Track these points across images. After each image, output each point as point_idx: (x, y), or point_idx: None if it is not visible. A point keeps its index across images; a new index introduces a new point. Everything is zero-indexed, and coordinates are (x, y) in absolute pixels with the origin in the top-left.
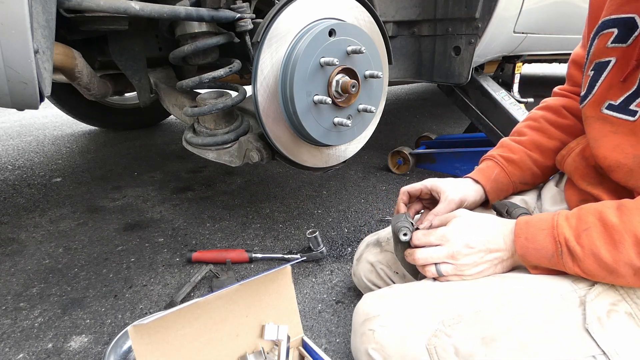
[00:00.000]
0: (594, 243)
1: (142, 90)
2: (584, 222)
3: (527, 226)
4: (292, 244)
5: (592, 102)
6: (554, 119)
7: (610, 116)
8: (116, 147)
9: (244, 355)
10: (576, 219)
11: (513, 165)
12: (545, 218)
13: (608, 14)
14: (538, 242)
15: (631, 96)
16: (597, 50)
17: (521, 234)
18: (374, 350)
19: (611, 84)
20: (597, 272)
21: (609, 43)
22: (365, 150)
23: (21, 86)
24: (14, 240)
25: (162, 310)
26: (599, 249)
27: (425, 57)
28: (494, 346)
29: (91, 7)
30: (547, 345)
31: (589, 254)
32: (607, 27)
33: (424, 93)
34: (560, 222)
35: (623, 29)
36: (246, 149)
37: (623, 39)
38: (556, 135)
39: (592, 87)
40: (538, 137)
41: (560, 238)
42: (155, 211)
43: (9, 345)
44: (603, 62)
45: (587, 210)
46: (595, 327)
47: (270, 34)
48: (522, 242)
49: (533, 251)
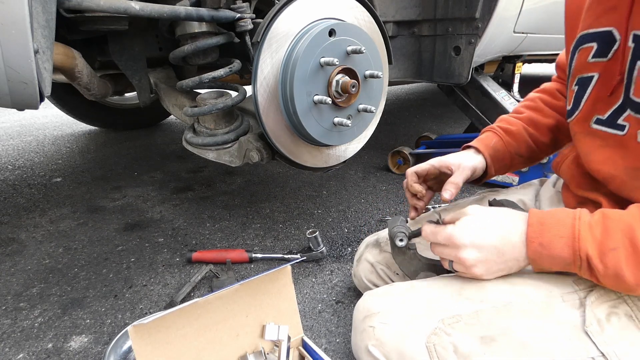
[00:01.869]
0: (620, 265)
1: (142, 90)
2: (611, 239)
3: (542, 229)
4: (292, 244)
5: (580, 118)
6: (549, 100)
7: (600, 131)
8: (116, 147)
9: (244, 355)
10: (601, 230)
11: (510, 136)
12: (563, 221)
13: (585, 28)
14: (554, 250)
15: (617, 110)
16: (578, 65)
17: (535, 238)
18: (374, 346)
19: (597, 98)
20: (613, 287)
21: (589, 58)
22: (365, 150)
23: (21, 86)
24: (14, 240)
25: (162, 310)
26: (623, 272)
27: (425, 57)
28: (493, 346)
29: (91, 7)
30: (546, 346)
31: (612, 275)
32: (586, 42)
33: (424, 93)
34: (583, 233)
35: (602, 43)
36: (246, 149)
37: (603, 53)
38: (551, 114)
39: (578, 103)
40: (534, 114)
41: (582, 253)
42: (155, 211)
43: (9, 345)
44: (586, 78)
45: (616, 222)
46: (595, 330)
47: (270, 34)
48: (535, 247)
49: (547, 258)
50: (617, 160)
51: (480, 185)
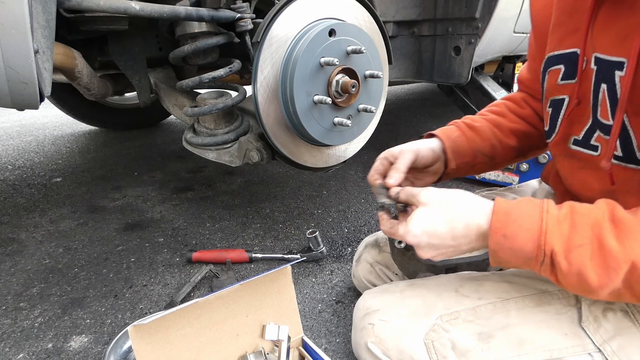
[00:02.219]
0: (584, 264)
1: (142, 90)
2: (578, 235)
3: (507, 219)
4: (292, 244)
5: (558, 139)
6: (515, 107)
7: (578, 152)
8: (116, 147)
9: (244, 355)
10: (569, 226)
11: (473, 131)
12: (530, 214)
13: (552, 49)
14: (517, 242)
15: (589, 131)
16: (549, 87)
17: (499, 229)
18: (373, 343)
19: (571, 120)
20: (573, 287)
21: (559, 80)
22: (365, 150)
23: (21, 86)
24: (14, 240)
25: (162, 310)
26: (586, 271)
27: (425, 57)
28: (491, 342)
29: (91, 7)
30: (543, 342)
31: (575, 273)
32: (553, 64)
33: (424, 93)
34: (550, 227)
35: (568, 64)
36: (246, 149)
37: (571, 76)
38: (515, 120)
39: (554, 125)
40: (499, 118)
41: (547, 248)
42: (155, 211)
43: (9, 345)
44: (558, 100)
45: (584, 218)
46: (591, 325)
47: (270, 34)
48: (498, 238)
49: (508, 251)
50: (593, 183)
51: (478, 185)
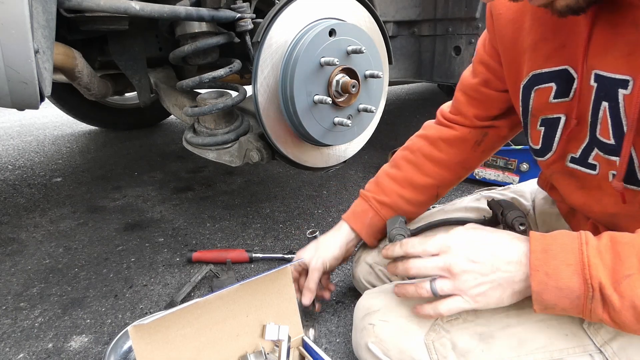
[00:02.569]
0: (637, 294)
1: (142, 90)
2: (625, 266)
3: (547, 257)
4: (292, 244)
5: (555, 158)
6: (429, 151)
7: (575, 170)
8: (116, 147)
9: (244, 355)
10: (611, 256)
11: (386, 208)
12: (569, 246)
13: (537, 67)
14: (562, 280)
15: (586, 149)
16: (539, 106)
17: (540, 266)
18: (374, 344)
19: (570, 137)
20: (632, 324)
21: (551, 99)
22: (365, 150)
23: (21, 86)
24: (14, 240)
25: (162, 310)
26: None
27: (425, 57)
28: (492, 342)
29: (91, 7)
30: (544, 343)
31: (629, 307)
32: (542, 82)
33: (424, 93)
34: (592, 259)
35: (560, 82)
36: (246, 148)
37: (565, 93)
38: (430, 172)
39: (550, 144)
40: (412, 172)
41: (593, 281)
42: (156, 211)
43: (9, 345)
44: (552, 119)
45: (628, 247)
46: (592, 326)
47: (271, 34)
48: (540, 277)
49: (554, 290)
50: (593, 205)
51: (478, 185)
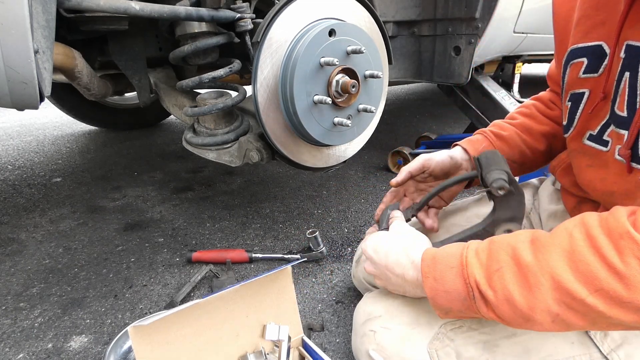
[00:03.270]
0: (507, 287)
1: (142, 90)
2: (495, 261)
3: (435, 263)
4: (292, 244)
5: (575, 134)
6: (544, 108)
7: (589, 147)
8: (116, 147)
9: (244, 355)
10: (487, 255)
11: (502, 141)
12: (454, 252)
13: (575, 42)
14: (447, 283)
15: (604, 125)
16: (570, 81)
17: (429, 272)
18: (375, 351)
19: (590, 114)
20: (512, 319)
21: (580, 73)
22: (365, 150)
23: (21, 86)
24: (14, 240)
25: (162, 310)
26: (512, 294)
27: (425, 57)
28: (496, 351)
29: (91, 7)
30: (549, 351)
31: (503, 300)
32: (576, 57)
33: (424, 93)
34: (469, 259)
35: (592, 58)
36: (246, 149)
37: (594, 69)
38: (545, 122)
39: (572, 119)
40: (529, 121)
41: (470, 280)
42: (155, 211)
43: (9, 345)
44: (578, 94)
45: (500, 244)
46: (598, 334)
47: (270, 34)
48: (430, 283)
49: (443, 294)
50: (597, 184)
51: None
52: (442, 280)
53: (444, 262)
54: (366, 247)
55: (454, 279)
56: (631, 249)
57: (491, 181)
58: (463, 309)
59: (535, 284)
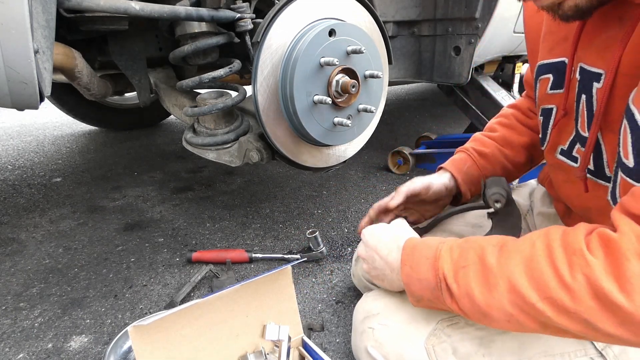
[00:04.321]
0: (469, 283)
1: (142, 90)
2: (464, 258)
3: (413, 252)
4: (292, 244)
5: (549, 148)
6: (523, 118)
7: (562, 162)
8: (116, 147)
9: (244, 355)
10: (459, 252)
11: (484, 159)
12: (432, 244)
13: (542, 58)
14: (421, 272)
15: (573, 142)
16: (540, 96)
17: (407, 260)
18: (373, 348)
19: (560, 129)
20: (472, 313)
21: (548, 89)
22: (365, 150)
23: (21, 86)
24: (14, 240)
25: (162, 310)
26: (473, 290)
27: (425, 57)
28: (492, 347)
29: (91, 7)
30: (545, 346)
31: (464, 294)
32: (543, 73)
33: (424, 93)
34: (443, 253)
35: (557, 74)
36: (246, 149)
37: (559, 85)
38: (525, 132)
39: (545, 134)
40: (509, 133)
41: (440, 272)
42: (155, 211)
43: (9, 345)
44: (548, 109)
45: (472, 244)
46: None
47: (270, 34)
48: (407, 270)
49: (416, 281)
50: (574, 199)
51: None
52: (417, 268)
53: (421, 253)
54: (365, 231)
55: (427, 269)
56: (580, 265)
57: (490, 195)
58: (432, 298)
59: (494, 285)
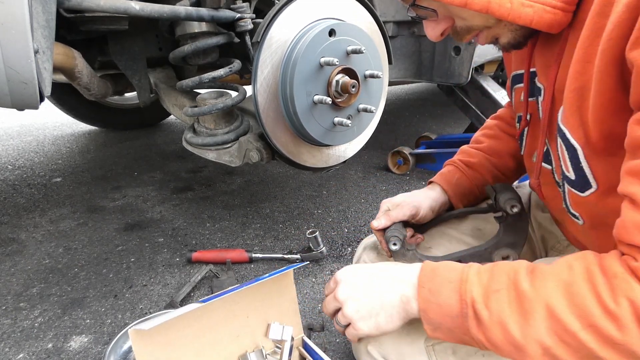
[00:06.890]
0: (504, 310)
1: (142, 90)
2: (495, 281)
3: (434, 275)
4: (292, 244)
5: (526, 153)
6: (506, 127)
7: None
8: (116, 147)
9: (244, 354)
10: (489, 276)
11: (473, 169)
12: (455, 267)
13: (515, 68)
14: (442, 296)
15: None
16: (515, 104)
17: (425, 282)
18: (373, 347)
19: (533, 135)
20: (502, 345)
21: (521, 98)
22: (365, 150)
23: (21, 86)
24: (14, 240)
25: (162, 310)
26: (507, 319)
27: (425, 57)
28: None
29: (91, 7)
30: None
31: (496, 322)
32: (516, 82)
33: (424, 93)
34: (470, 277)
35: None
36: (246, 149)
37: (531, 94)
38: (510, 141)
39: (522, 140)
40: (494, 143)
41: (467, 296)
42: (155, 211)
43: (9, 345)
44: (520, 117)
45: (503, 267)
46: None
47: (270, 34)
48: (425, 294)
49: (436, 307)
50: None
51: None
52: (438, 292)
53: (444, 275)
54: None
55: (450, 293)
56: (623, 289)
57: (506, 199)
58: (453, 326)
59: (530, 311)
